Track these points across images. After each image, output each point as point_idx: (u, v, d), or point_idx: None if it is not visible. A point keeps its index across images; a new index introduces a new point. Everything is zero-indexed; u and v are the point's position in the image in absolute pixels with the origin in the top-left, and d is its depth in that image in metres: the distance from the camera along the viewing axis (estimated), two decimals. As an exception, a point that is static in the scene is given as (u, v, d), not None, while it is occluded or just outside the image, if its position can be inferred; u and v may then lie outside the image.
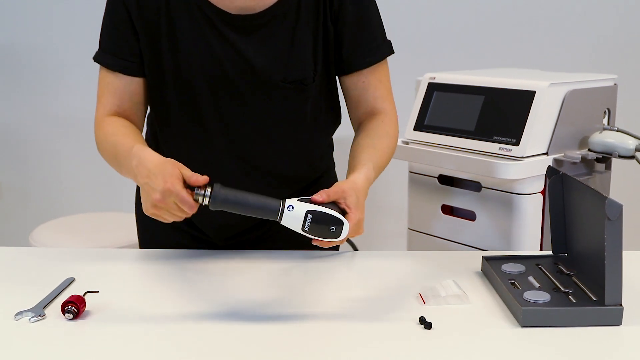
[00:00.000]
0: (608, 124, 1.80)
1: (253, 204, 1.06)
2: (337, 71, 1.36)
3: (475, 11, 2.69)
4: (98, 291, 1.17)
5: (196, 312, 1.11)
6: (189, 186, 1.07)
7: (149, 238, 1.49)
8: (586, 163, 1.72)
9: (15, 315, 1.07)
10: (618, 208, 1.01)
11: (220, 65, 1.27)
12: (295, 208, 1.06)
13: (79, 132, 2.85)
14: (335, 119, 1.44)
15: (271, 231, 1.44)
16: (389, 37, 1.37)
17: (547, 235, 1.64)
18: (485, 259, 1.28)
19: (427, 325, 1.04)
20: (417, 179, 1.84)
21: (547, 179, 1.28)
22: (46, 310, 1.10)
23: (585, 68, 2.54)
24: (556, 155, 1.65)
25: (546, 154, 1.64)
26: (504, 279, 1.18)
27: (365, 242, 2.25)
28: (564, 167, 1.64)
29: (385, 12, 1.36)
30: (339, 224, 1.07)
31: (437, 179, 1.79)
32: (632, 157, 1.67)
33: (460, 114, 1.73)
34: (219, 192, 1.05)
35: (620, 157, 1.67)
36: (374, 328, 1.05)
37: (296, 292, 1.20)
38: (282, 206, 1.05)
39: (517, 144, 1.59)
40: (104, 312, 1.10)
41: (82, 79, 2.77)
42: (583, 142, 1.72)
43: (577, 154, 1.66)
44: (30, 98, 2.88)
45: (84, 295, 1.13)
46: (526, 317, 1.05)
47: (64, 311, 1.07)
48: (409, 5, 2.68)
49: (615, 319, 1.06)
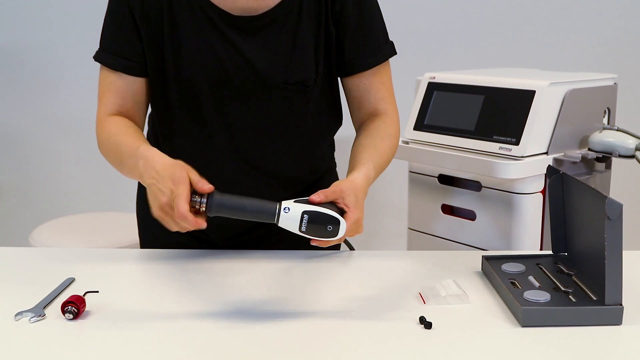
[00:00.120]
0: (608, 123, 1.80)
1: (250, 209, 1.06)
2: (339, 72, 1.36)
3: (475, 11, 2.69)
4: (98, 291, 1.17)
5: (196, 312, 1.11)
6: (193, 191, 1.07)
7: (150, 238, 1.49)
8: (586, 162, 1.72)
9: (15, 315, 1.07)
10: (618, 207, 1.01)
11: (222, 66, 1.26)
12: (292, 209, 1.06)
13: (79, 132, 2.85)
14: (336, 120, 1.44)
15: (272, 231, 1.44)
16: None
17: (547, 234, 1.64)
18: (485, 258, 1.28)
19: (427, 325, 1.04)
20: (417, 178, 1.84)
21: (547, 179, 1.27)
22: (46, 311, 1.10)
23: (585, 67, 2.54)
24: (556, 155, 1.65)
25: (546, 153, 1.64)
26: (504, 279, 1.18)
27: (365, 242, 2.24)
28: (564, 166, 1.64)
29: (385, 12, 1.35)
30: (336, 223, 1.07)
31: (437, 179, 1.79)
32: (632, 157, 1.67)
33: (460, 114, 1.73)
34: (215, 198, 1.05)
35: (620, 156, 1.67)
36: (374, 328, 1.05)
37: (296, 292, 1.20)
38: (278, 209, 1.06)
39: (517, 143, 1.59)
40: (104, 312, 1.10)
41: (82, 79, 2.77)
42: (583, 142, 1.72)
43: (577, 153, 1.66)
44: (30, 98, 2.88)
45: (84, 295, 1.13)
46: (526, 316, 1.05)
47: (64, 311, 1.07)
48: (409, 5, 2.67)
49: (615, 319, 1.06)
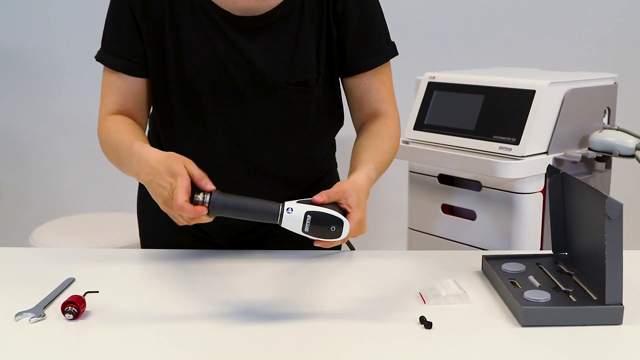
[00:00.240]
0: (608, 122, 1.80)
1: (252, 209, 1.06)
2: (340, 73, 1.36)
3: (475, 11, 2.69)
4: (98, 291, 1.17)
5: (197, 312, 1.11)
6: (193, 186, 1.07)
7: (150, 238, 1.49)
8: (586, 162, 1.72)
9: (16, 315, 1.07)
10: (618, 207, 1.01)
11: (224, 66, 1.26)
12: (295, 210, 1.05)
13: (79, 133, 2.85)
14: (337, 120, 1.44)
15: (273, 231, 1.44)
16: (388, 37, 1.37)
17: (547, 234, 1.63)
18: (486, 258, 1.28)
19: (428, 325, 1.04)
20: (417, 178, 1.84)
21: (547, 178, 1.27)
22: (46, 311, 1.10)
23: (585, 67, 2.54)
24: (556, 155, 1.65)
25: (546, 153, 1.64)
26: (504, 279, 1.18)
27: (365, 242, 2.24)
28: (564, 166, 1.64)
29: (385, 12, 1.35)
30: (339, 224, 1.06)
31: (437, 179, 1.79)
32: (632, 156, 1.67)
33: (460, 113, 1.72)
34: (217, 198, 1.05)
35: (620, 156, 1.67)
36: (374, 328, 1.05)
37: (297, 292, 1.20)
38: (281, 209, 1.05)
39: (517, 143, 1.59)
40: (104, 312, 1.10)
41: (82, 80, 2.77)
42: (583, 141, 1.72)
43: (577, 153, 1.66)
44: (31, 98, 2.88)
45: (84, 295, 1.12)
46: (526, 316, 1.05)
47: (64, 311, 1.07)
48: (409, 5, 2.67)
49: (615, 318, 1.06)
